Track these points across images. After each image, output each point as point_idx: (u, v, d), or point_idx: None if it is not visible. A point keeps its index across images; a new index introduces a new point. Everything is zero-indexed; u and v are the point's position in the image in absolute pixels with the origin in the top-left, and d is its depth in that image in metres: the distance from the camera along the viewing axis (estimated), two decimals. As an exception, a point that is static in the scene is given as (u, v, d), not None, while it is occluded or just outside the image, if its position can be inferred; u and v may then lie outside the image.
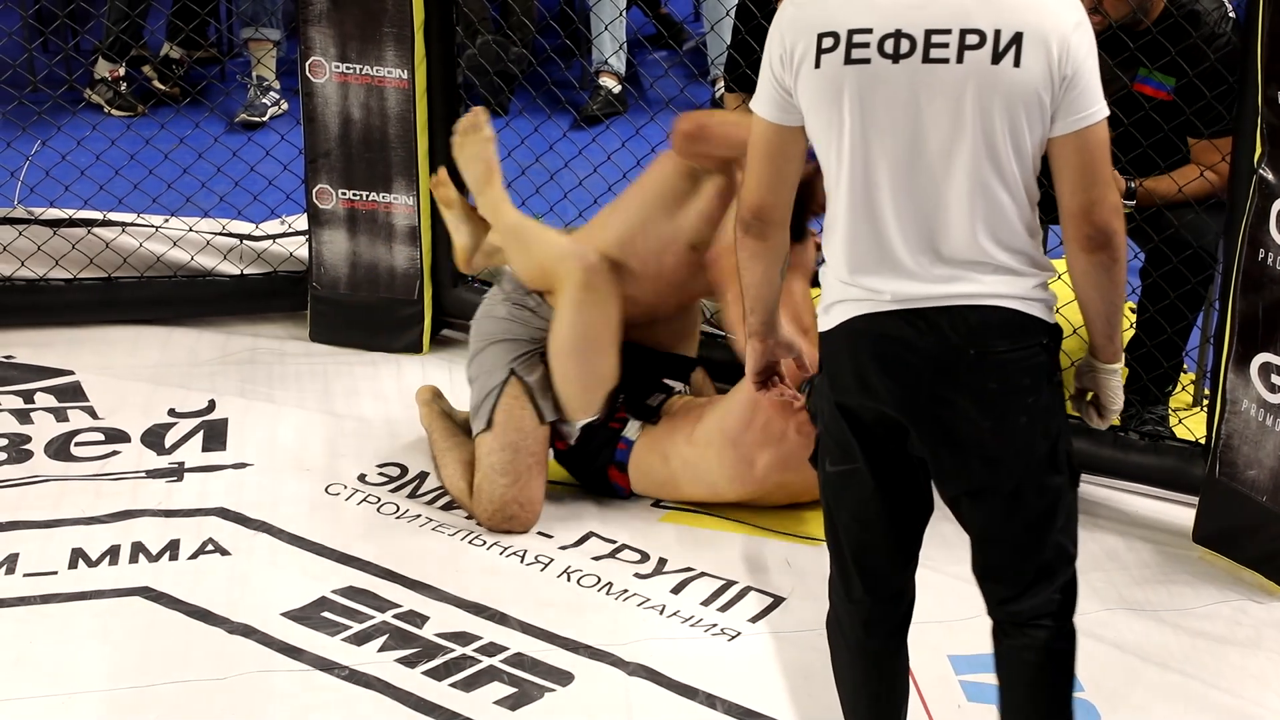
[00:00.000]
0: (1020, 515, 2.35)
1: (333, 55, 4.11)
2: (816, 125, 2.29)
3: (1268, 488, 3.27)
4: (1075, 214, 2.27)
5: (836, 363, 2.36)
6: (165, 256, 4.39)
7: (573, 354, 3.48)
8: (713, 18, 5.64)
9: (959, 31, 2.19)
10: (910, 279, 2.27)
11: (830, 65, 2.24)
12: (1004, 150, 2.23)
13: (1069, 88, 2.22)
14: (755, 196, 2.38)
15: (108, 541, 3.41)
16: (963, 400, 2.28)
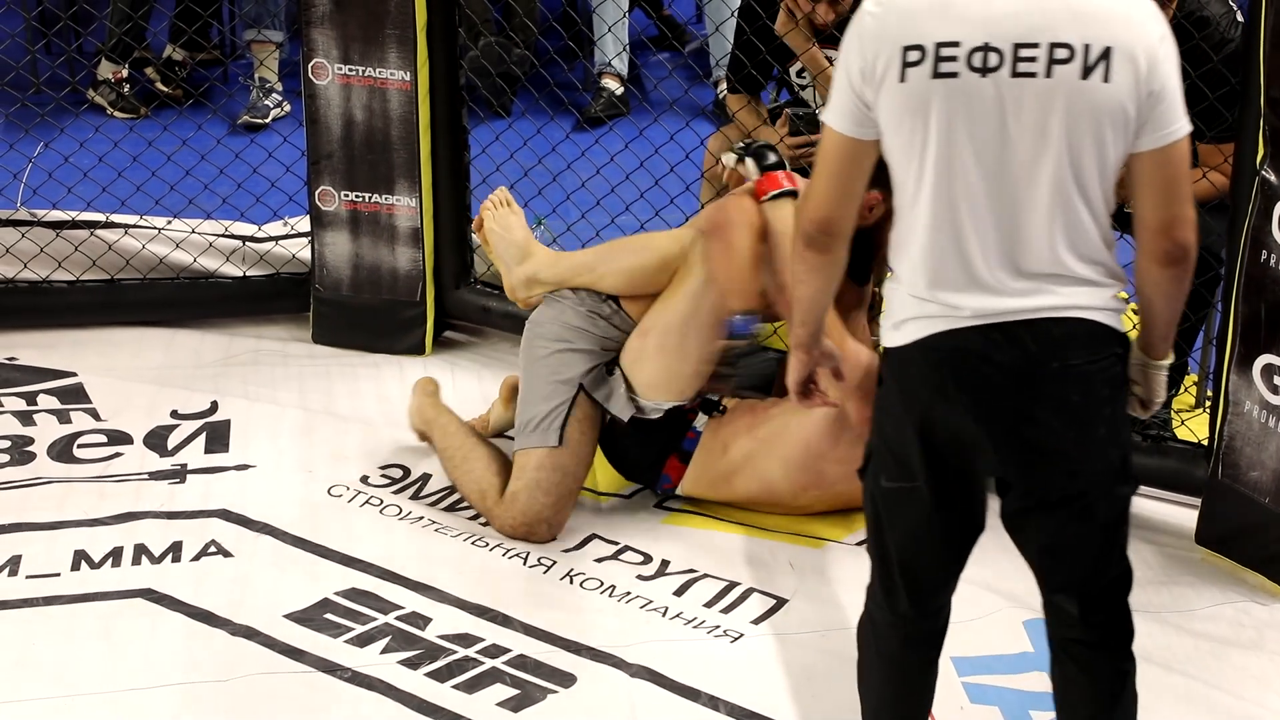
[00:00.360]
0: (1095, 525, 2.35)
1: (335, 57, 4.11)
2: (897, 140, 2.26)
3: (1270, 489, 3.27)
4: (1155, 229, 2.26)
5: (909, 378, 2.32)
6: (168, 258, 4.39)
7: (694, 328, 3.36)
8: (716, 19, 5.64)
9: (1048, 45, 2.17)
10: (990, 293, 2.25)
11: (917, 79, 2.20)
12: (1088, 165, 2.21)
13: (1155, 103, 2.21)
14: (822, 210, 2.32)
15: (110, 543, 3.41)
16: (1044, 413, 2.26)
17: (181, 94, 5.71)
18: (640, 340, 3.45)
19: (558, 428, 3.43)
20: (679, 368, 3.41)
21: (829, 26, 3.94)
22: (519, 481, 3.45)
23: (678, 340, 3.39)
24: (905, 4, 2.23)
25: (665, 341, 3.41)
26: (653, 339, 3.43)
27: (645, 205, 4.26)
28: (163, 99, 5.77)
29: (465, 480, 3.56)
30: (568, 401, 3.44)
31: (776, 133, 4.09)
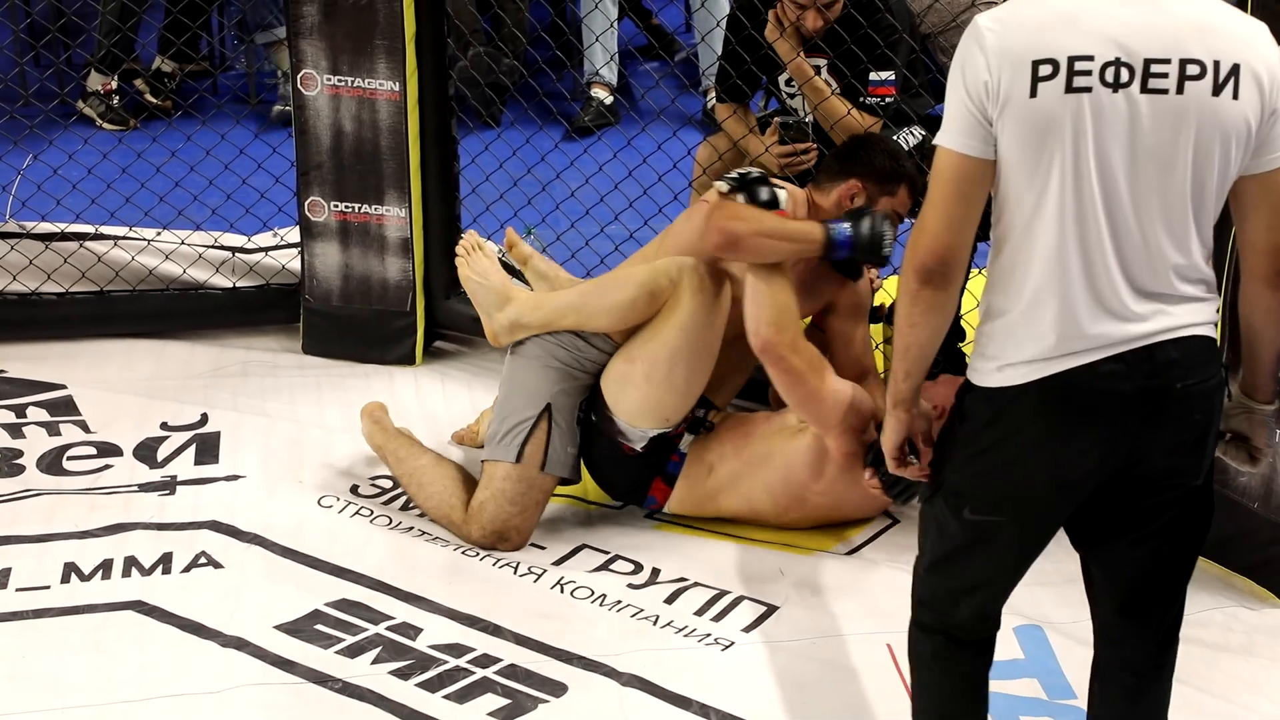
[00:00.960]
0: (1190, 547, 2.35)
1: (324, 68, 4.11)
2: (1020, 158, 2.17)
3: (1259, 494, 3.28)
4: (1265, 251, 2.24)
5: (1019, 422, 2.23)
6: (158, 270, 4.39)
7: (688, 358, 3.36)
8: (704, 28, 5.65)
9: (1179, 61, 2.14)
10: (1114, 318, 2.19)
11: (1049, 94, 2.13)
12: (1210, 182, 2.19)
13: (1275, 122, 2.19)
14: (942, 240, 2.19)
15: (100, 555, 3.40)
16: (1170, 436, 2.22)
17: (171, 105, 5.72)
18: (627, 365, 3.43)
19: (518, 445, 3.44)
20: (666, 398, 3.41)
21: (817, 34, 3.95)
22: (486, 491, 3.46)
23: (665, 372, 3.38)
24: (1028, 17, 2.17)
25: (653, 372, 3.38)
26: (639, 367, 3.40)
27: (634, 214, 4.27)
28: (152, 110, 5.77)
29: (428, 504, 3.56)
30: (532, 419, 3.45)
31: (764, 142, 4.10)
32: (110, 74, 5.70)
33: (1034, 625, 3.16)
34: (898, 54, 3.97)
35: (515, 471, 3.44)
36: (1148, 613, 2.39)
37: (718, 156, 4.19)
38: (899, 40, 3.97)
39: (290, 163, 4.30)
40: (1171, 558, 2.35)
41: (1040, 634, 3.12)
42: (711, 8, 5.57)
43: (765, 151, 4.09)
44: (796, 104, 4.18)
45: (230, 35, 6.35)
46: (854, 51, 3.94)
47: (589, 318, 3.46)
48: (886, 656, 3.10)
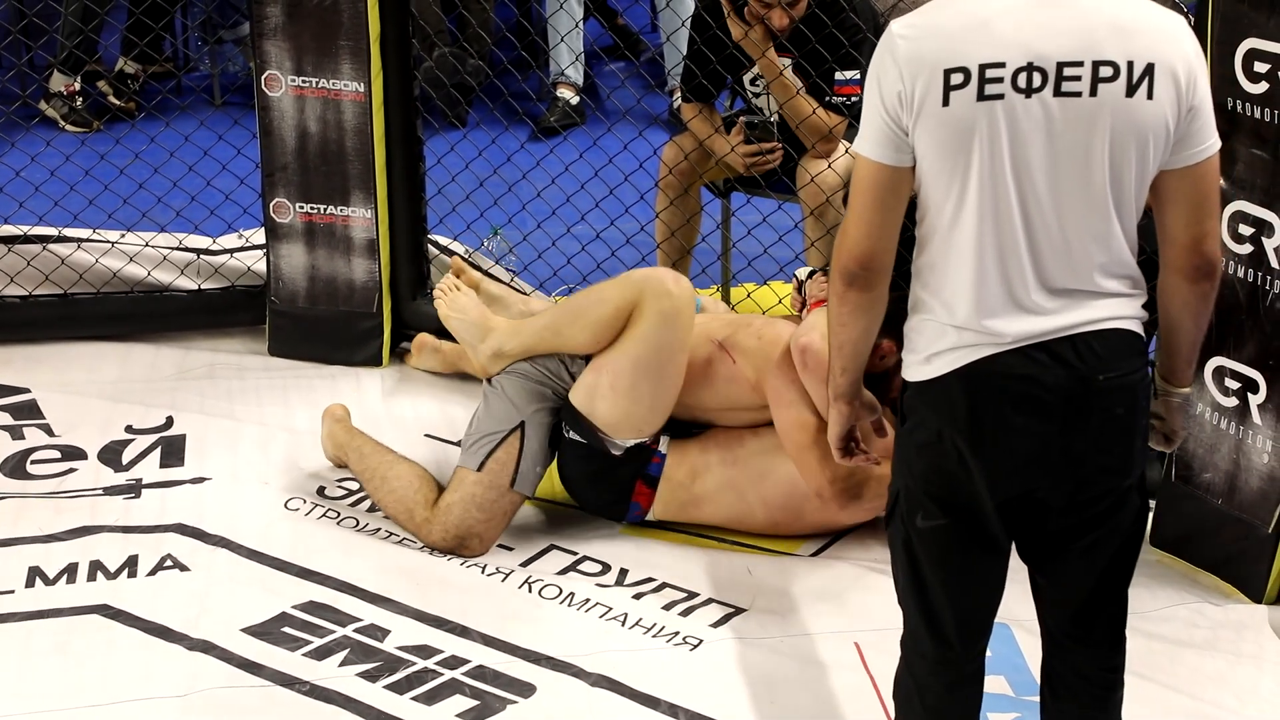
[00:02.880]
0: (1128, 547, 2.35)
1: (288, 69, 4.10)
2: (939, 165, 2.20)
3: (1223, 490, 3.30)
4: (1186, 245, 2.26)
5: (947, 411, 2.25)
6: (122, 272, 4.37)
7: (650, 372, 3.38)
8: (669, 28, 5.66)
9: (1091, 63, 2.15)
10: (1031, 314, 2.21)
11: (961, 103, 2.16)
12: (1128, 181, 2.20)
13: (1193, 118, 2.20)
14: (863, 245, 2.24)
15: (65, 559, 3.39)
16: (1094, 428, 2.23)
17: (135, 107, 5.69)
18: (594, 376, 3.44)
19: (482, 455, 3.45)
20: (632, 409, 3.41)
21: (784, 32, 3.96)
22: (455, 494, 3.46)
23: (629, 383, 3.39)
24: (940, 25, 2.18)
25: (618, 383, 3.40)
26: (605, 378, 3.42)
27: (600, 215, 4.27)
28: (115, 112, 5.74)
29: (388, 499, 3.55)
30: (503, 434, 3.46)
31: (729, 141, 4.11)
32: (73, 75, 5.68)
33: (1000, 623, 3.15)
34: (863, 53, 3.99)
35: (487, 478, 3.44)
36: (1097, 620, 2.40)
37: (684, 156, 4.20)
38: (864, 39, 3.98)
39: (255, 164, 4.28)
40: (1114, 562, 2.36)
41: (1007, 631, 3.14)
42: (676, 7, 5.58)
43: (731, 151, 4.10)
44: (761, 103, 4.19)
45: (194, 36, 6.33)
46: (819, 51, 3.95)
47: (566, 340, 3.50)
48: (854, 654, 3.11)
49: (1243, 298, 3.17)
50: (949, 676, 2.41)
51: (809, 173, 4.01)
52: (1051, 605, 2.42)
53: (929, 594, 2.36)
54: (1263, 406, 3.19)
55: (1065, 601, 2.40)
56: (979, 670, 2.44)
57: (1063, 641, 2.43)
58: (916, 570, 2.36)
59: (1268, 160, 3.06)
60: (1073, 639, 2.42)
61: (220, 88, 6.02)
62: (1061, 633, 2.43)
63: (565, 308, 3.59)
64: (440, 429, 3.97)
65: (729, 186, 4.35)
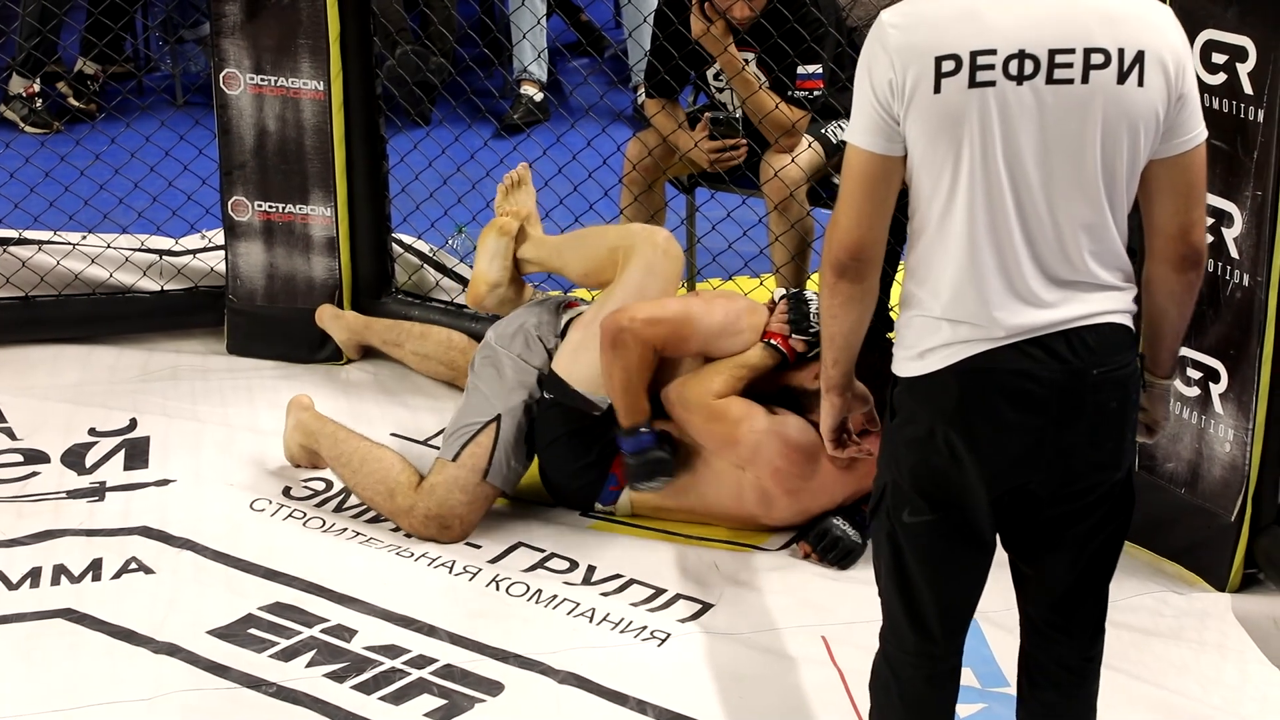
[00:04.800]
0: (1114, 539, 2.36)
1: (247, 67, 4.08)
2: (930, 153, 2.19)
3: (1186, 480, 3.32)
4: (1173, 235, 2.26)
5: (940, 407, 2.24)
6: (84, 274, 4.34)
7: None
8: (631, 24, 5.65)
9: (1083, 51, 2.14)
10: (1027, 305, 2.20)
11: (953, 90, 2.14)
12: (1120, 170, 2.20)
13: (1182, 107, 2.20)
14: (854, 235, 2.22)
15: (28, 563, 3.36)
16: (1087, 422, 2.23)
17: (95, 108, 5.66)
18: (577, 334, 3.51)
19: (458, 446, 3.47)
20: None
21: (744, 24, 3.95)
22: (439, 476, 3.46)
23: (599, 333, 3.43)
24: (931, 14, 2.18)
25: (589, 334, 3.45)
26: (581, 331, 3.49)
27: (565, 211, 4.27)
28: (75, 113, 5.71)
29: (367, 481, 3.53)
30: (479, 425, 3.47)
31: (693, 137, 4.10)
32: (32, 77, 5.64)
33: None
34: (825, 48, 3.99)
35: (470, 462, 3.45)
36: (1078, 608, 2.41)
37: (648, 152, 4.19)
38: (826, 34, 3.99)
39: (217, 164, 4.26)
40: (1100, 553, 2.37)
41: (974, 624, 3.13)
42: (639, 3, 5.57)
43: (695, 147, 4.10)
44: (725, 99, 4.19)
45: (155, 36, 6.29)
46: (781, 46, 3.95)
47: (566, 262, 3.76)
48: (821, 648, 3.11)
49: (1204, 288, 3.18)
50: (929, 669, 2.41)
51: (772, 167, 4.01)
52: (1035, 595, 2.42)
53: (912, 587, 2.36)
54: (1224, 396, 3.21)
55: (1049, 591, 2.40)
56: (956, 667, 2.45)
57: (1044, 630, 2.43)
58: (901, 563, 2.35)
59: (1227, 151, 3.08)
60: (1054, 628, 2.42)
61: (181, 87, 5.99)
62: (1044, 621, 2.43)
63: (573, 235, 3.85)
64: (407, 428, 3.96)
65: (693, 182, 4.35)
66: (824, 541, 3.37)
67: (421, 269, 4.45)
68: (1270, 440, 3.20)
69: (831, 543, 3.37)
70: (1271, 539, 3.26)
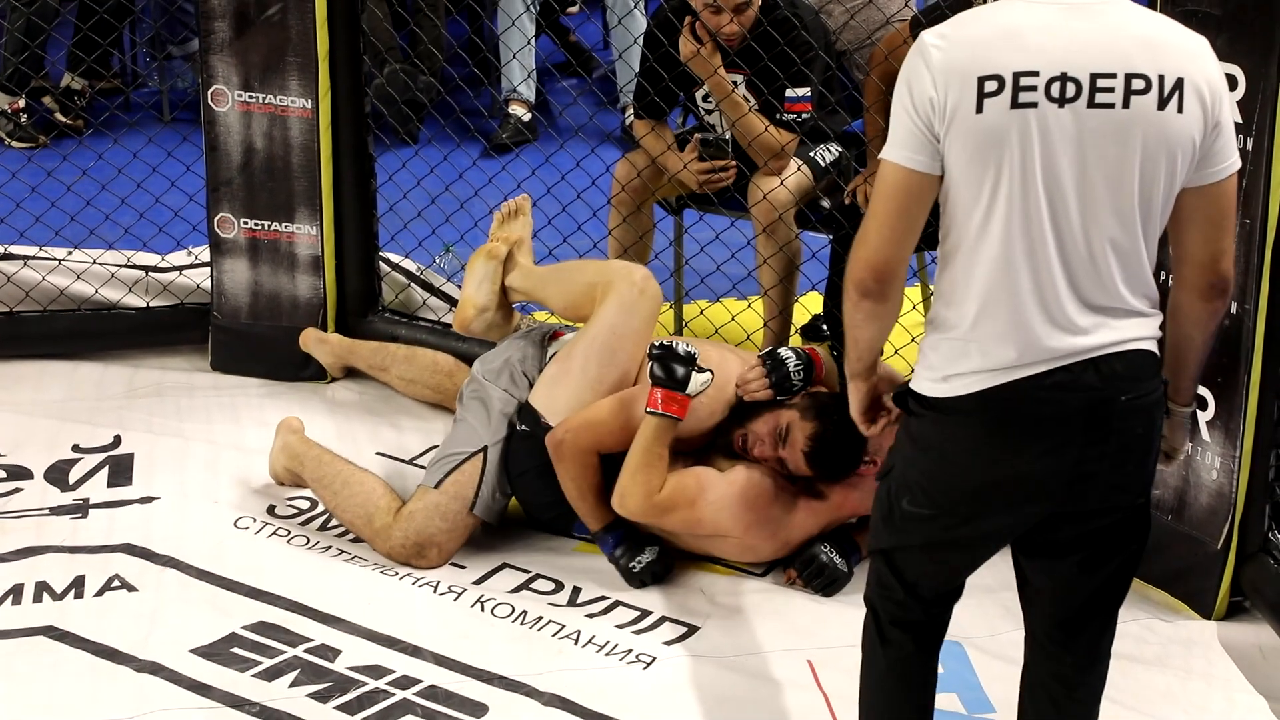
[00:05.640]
0: (1129, 564, 2.37)
1: (235, 84, 4.08)
2: (967, 174, 2.18)
3: (1172, 507, 3.32)
4: (1202, 263, 2.27)
5: (963, 430, 2.25)
6: (69, 290, 4.32)
7: (601, 352, 3.46)
8: (621, 45, 5.66)
9: (1124, 76, 2.15)
10: (1060, 333, 2.20)
11: (995, 110, 2.15)
12: (1156, 196, 2.20)
13: (1217, 136, 2.21)
14: (882, 254, 2.23)
15: (10, 581, 3.34)
16: (1113, 448, 2.23)
17: (83, 124, 5.64)
18: (556, 366, 3.52)
19: (442, 474, 3.46)
20: (581, 389, 3.45)
21: (735, 40, 3.96)
22: (419, 503, 3.45)
23: (580, 363, 3.46)
24: (973, 34, 2.18)
25: (570, 365, 3.48)
26: (556, 365, 3.51)
27: (553, 231, 4.26)
28: (62, 129, 5.69)
29: (348, 504, 3.52)
30: (465, 455, 3.47)
31: (682, 159, 4.10)
32: (18, 92, 5.62)
33: (953, 641, 3.16)
34: (813, 71, 4.00)
35: (452, 490, 3.44)
36: (1085, 629, 2.42)
37: (636, 173, 4.19)
38: (815, 57, 3.99)
39: (204, 181, 4.25)
40: (1113, 576, 2.38)
41: (959, 649, 3.14)
42: (629, 25, 5.58)
43: (684, 168, 4.10)
44: (714, 120, 4.19)
45: (143, 52, 6.28)
46: (770, 68, 3.96)
47: (548, 294, 3.77)
48: (807, 672, 3.11)
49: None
50: (903, 614, 2.43)
51: (761, 190, 4.01)
52: (1042, 611, 2.44)
53: (894, 561, 2.40)
54: (1211, 423, 3.21)
55: (1057, 609, 2.42)
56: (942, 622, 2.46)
57: (1046, 645, 2.45)
58: (891, 537, 2.38)
59: (1216, 178, 3.08)
60: (1056, 643, 2.44)
61: (169, 104, 5.98)
62: (1046, 636, 2.44)
63: (557, 268, 3.86)
64: (392, 447, 3.94)
65: (681, 203, 4.35)
66: (810, 568, 3.37)
67: (409, 288, 4.44)
68: (1257, 468, 3.21)
69: (818, 569, 3.36)
70: (1258, 567, 3.27)
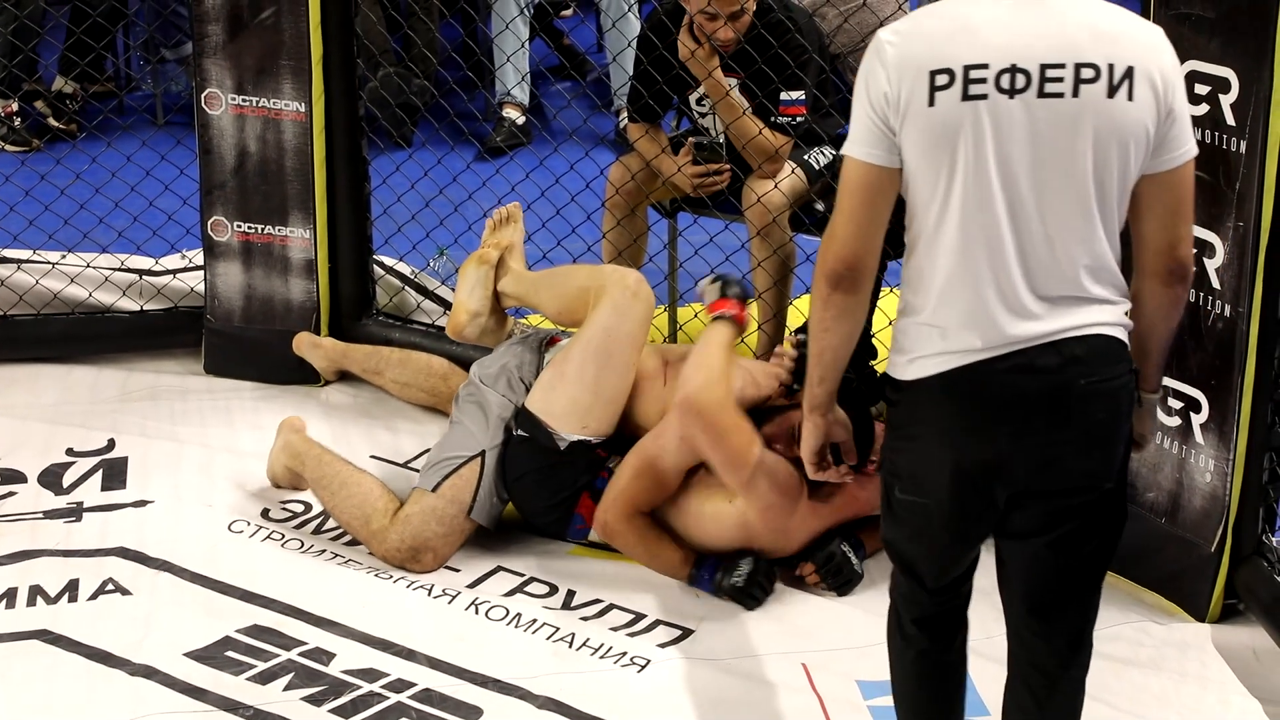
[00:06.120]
0: (1101, 551, 2.38)
1: (229, 87, 4.07)
2: (924, 165, 2.24)
3: (1166, 509, 3.32)
4: (1160, 249, 2.31)
5: (929, 412, 2.30)
6: (63, 293, 4.32)
7: (596, 356, 3.46)
8: (615, 49, 5.66)
9: (1073, 66, 2.20)
10: (1017, 319, 2.24)
11: (946, 103, 2.21)
12: (1110, 184, 2.24)
13: (1172, 124, 2.25)
14: (850, 246, 2.28)
15: (4, 584, 3.34)
16: (1074, 432, 2.27)
17: (76, 128, 5.64)
18: (552, 371, 3.52)
19: (439, 477, 3.46)
20: (580, 396, 3.44)
21: (730, 46, 3.96)
22: (416, 506, 3.45)
23: (575, 367, 3.46)
24: (927, 29, 2.24)
25: (565, 369, 3.48)
26: (560, 369, 3.49)
27: (547, 234, 4.27)
28: (55, 132, 5.69)
29: (345, 505, 3.52)
30: (463, 459, 3.47)
31: (676, 162, 4.11)
32: (11, 95, 5.62)
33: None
34: (808, 74, 4.00)
35: (449, 493, 3.44)
36: (1056, 613, 2.44)
37: (630, 176, 4.19)
38: (809, 60, 4.00)
39: (198, 184, 4.24)
40: (1083, 561, 2.39)
41: (953, 650, 3.14)
42: (623, 28, 5.59)
43: (678, 171, 4.10)
44: (708, 123, 4.20)
45: (136, 55, 6.28)
46: (765, 71, 3.96)
47: (541, 300, 3.78)
48: (802, 675, 3.11)
49: (1185, 318, 3.19)
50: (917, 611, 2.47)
51: (755, 193, 4.01)
52: (1016, 594, 2.46)
53: (897, 550, 2.45)
54: (1205, 426, 3.21)
55: (1030, 591, 2.44)
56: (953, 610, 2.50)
57: (1024, 634, 2.48)
58: (892, 518, 2.44)
59: (1208, 181, 3.09)
60: (1034, 633, 2.46)
61: (163, 107, 5.98)
62: (1023, 624, 2.47)
63: (549, 272, 3.86)
64: (387, 450, 3.94)
65: (675, 207, 4.35)
66: (829, 565, 3.35)
67: (403, 291, 4.44)
68: (1251, 471, 3.21)
69: (836, 568, 3.35)
70: (1252, 569, 3.27)
